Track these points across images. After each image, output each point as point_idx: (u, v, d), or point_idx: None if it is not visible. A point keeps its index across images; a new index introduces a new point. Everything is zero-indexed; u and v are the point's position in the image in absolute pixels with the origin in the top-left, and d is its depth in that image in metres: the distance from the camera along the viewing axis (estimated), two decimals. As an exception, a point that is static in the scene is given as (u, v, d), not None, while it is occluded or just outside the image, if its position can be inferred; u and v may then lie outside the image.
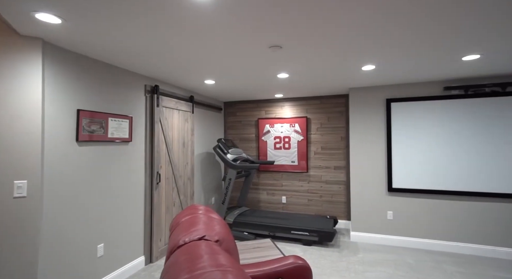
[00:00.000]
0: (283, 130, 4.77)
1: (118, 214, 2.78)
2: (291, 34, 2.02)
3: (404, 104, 3.73)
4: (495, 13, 1.73)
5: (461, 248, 3.46)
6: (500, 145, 3.34)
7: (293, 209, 4.73)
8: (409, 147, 3.70)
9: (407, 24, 1.86)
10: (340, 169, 4.47)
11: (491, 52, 2.47)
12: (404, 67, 2.95)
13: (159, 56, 2.50)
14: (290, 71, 3.04)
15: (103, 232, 2.61)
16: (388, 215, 3.77)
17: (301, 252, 3.50)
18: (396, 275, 2.89)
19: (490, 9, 1.67)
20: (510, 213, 3.30)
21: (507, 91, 3.32)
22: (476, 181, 3.42)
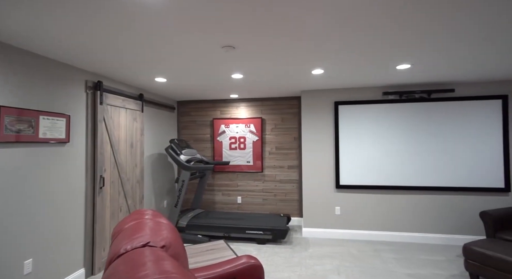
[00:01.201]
0: (238, 131, 4.78)
1: (51, 224, 2.48)
2: (243, 35, 2.03)
3: (350, 107, 4.03)
4: (424, 29, 1.96)
5: (396, 237, 3.86)
6: (430, 144, 3.82)
7: (248, 209, 4.77)
8: (355, 146, 4.01)
9: (351, 32, 2.01)
10: (293, 168, 4.64)
11: (420, 63, 2.80)
12: (349, 73, 3.19)
13: (104, 53, 2.30)
14: (244, 72, 3.06)
15: (32, 245, 2.30)
16: (336, 210, 4.04)
17: (255, 251, 3.54)
18: (342, 266, 3.11)
19: (420, 26, 1.90)
20: (437, 204, 3.79)
21: (432, 98, 3.81)
22: (411, 176, 3.85)
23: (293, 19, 1.77)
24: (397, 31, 1.98)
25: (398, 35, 2.07)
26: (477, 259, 2.63)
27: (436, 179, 3.78)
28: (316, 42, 2.17)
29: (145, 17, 1.72)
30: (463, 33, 2.03)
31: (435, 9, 1.67)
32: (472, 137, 3.71)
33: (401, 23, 1.85)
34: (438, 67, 2.95)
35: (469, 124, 3.72)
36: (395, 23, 1.85)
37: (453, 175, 3.74)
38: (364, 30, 1.96)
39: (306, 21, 1.81)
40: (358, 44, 2.24)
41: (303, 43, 2.21)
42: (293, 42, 2.18)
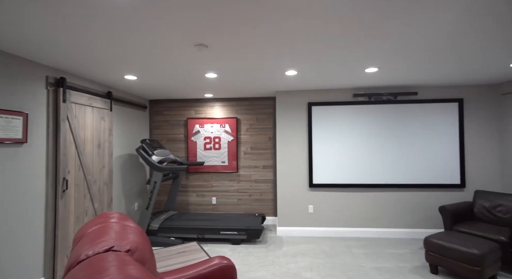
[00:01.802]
0: (213, 131, 4.72)
1: (4, 230, 2.28)
2: (216, 34, 2.01)
3: (323, 108, 4.15)
4: (390, 37, 2.07)
5: (366, 232, 4.04)
6: (396, 144, 4.03)
7: (223, 209, 4.73)
8: (327, 146, 4.13)
9: (323, 37, 2.07)
10: (268, 168, 4.68)
11: (386, 67, 2.95)
12: (321, 75, 3.28)
13: (68, 48, 2.16)
14: (218, 71, 3.03)
15: (-17, 255, 2.10)
16: (309, 208, 4.13)
17: (229, 252, 3.52)
18: (314, 263, 3.19)
19: (387, 33, 1.99)
20: (402, 200, 4.01)
21: (398, 100, 4.03)
22: (379, 174, 4.04)
23: (267, 21, 1.78)
24: (366, 37, 2.07)
25: (367, 41, 2.16)
26: (436, 251, 2.82)
27: (401, 176, 4.00)
28: (289, 44, 2.21)
29: (110, 9, 1.64)
30: (424, 42, 2.17)
31: (399, 20, 1.77)
32: (433, 137, 3.98)
33: (370, 31, 1.94)
34: (402, 71, 3.13)
35: (430, 125, 3.98)
36: (364, 30, 1.93)
37: (416, 172, 3.99)
38: (335, 35, 2.02)
39: (280, 24, 1.83)
40: (330, 48, 2.30)
41: (277, 45, 2.23)
42: (267, 44, 2.20)
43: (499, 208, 3.28)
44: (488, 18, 1.79)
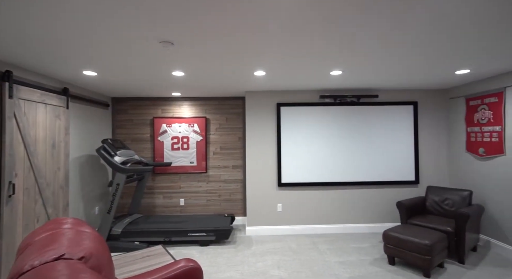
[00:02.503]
0: (181, 130, 4.60)
1: None
2: (183, 31, 1.96)
3: (291, 109, 4.24)
4: (352, 40, 2.17)
5: (331, 229, 4.20)
6: (359, 144, 4.25)
7: (191, 211, 4.63)
8: (295, 146, 4.23)
9: (290, 39, 2.11)
10: (237, 168, 4.68)
11: (349, 70, 3.10)
12: (289, 76, 3.35)
13: (15, 38, 1.96)
14: (185, 69, 2.96)
15: None
16: (278, 207, 4.20)
17: (197, 253, 3.46)
18: (282, 260, 3.25)
19: (349, 37, 2.09)
20: (364, 197, 4.24)
21: (360, 102, 4.26)
22: (343, 173, 4.23)
23: (234, 23, 1.78)
24: (330, 42, 2.15)
25: (331, 45, 2.24)
26: (393, 243, 3.03)
27: (363, 174, 4.24)
28: (257, 46, 2.22)
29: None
30: (380, 49, 2.32)
31: (359, 28, 1.86)
32: (392, 137, 4.26)
33: (333, 36, 2.02)
34: (363, 75, 3.31)
35: (389, 126, 4.26)
36: (328, 36, 2.01)
37: (376, 170, 4.24)
38: (301, 38, 2.07)
39: (247, 27, 1.83)
40: (297, 50, 2.36)
41: (245, 46, 2.23)
42: (235, 44, 2.19)
43: (446, 201, 3.61)
44: (436, 32, 1.96)
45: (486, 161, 3.58)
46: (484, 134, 3.59)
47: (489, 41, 2.21)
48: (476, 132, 3.72)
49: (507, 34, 2.08)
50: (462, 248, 3.06)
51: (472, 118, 3.79)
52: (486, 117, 3.55)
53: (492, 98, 3.46)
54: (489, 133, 3.52)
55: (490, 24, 1.88)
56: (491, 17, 1.77)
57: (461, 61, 2.76)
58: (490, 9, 1.66)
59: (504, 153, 3.31)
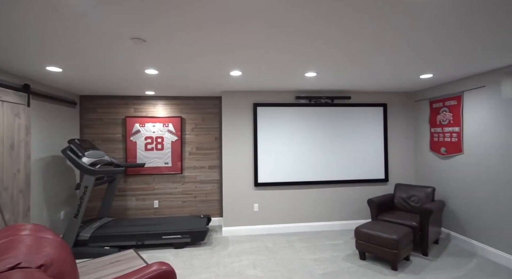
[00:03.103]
0: (155, 130, 4.47)
1: None
2: (155, 28, 1.90)
3: (268, 109, 4.28)
4: (325, 43, 2.23)
5: (306, 227, 4.30)
6: (333, 144, 4.38)
7: (166, 213, 4.51)
8: (271, 146, 4.27)
9: (264, 38, 2.12)
10: (214, 168, 4.63)
11: (323, 72, 3.19)
12: (266, 77, 3.37)
13: (-40, 24, 1.79)
14: (159, 68, 2.88)
15: None
16: (254, 207, 4.22)
17: (172, 256, 3.38)
18: (258, 260, 3.26)
19: (320, 41, 2.15)
20: (338, 195, 4.38)
21: (334, 103, 4.39)
22: (317, 172, 4.34)
23: (209, 22, 1.76)
24: (305, 44, 2.20)
25: (306, 47, 2.29)
26: (364, 239, 3.16)
27: (337, 173, 4.38)
28: (232, 46, 2.21)
29: (21, -10, 1.42)
30: (352, 54, 2.41)
31: (331, 35, 1.92)
32: (364, 137, 4.44)
33: (308, 39, 2.07)
34: (336, 78, 3.42)
35: (361, 126, 4.44)
36: (305, 37, 2.05)
37: (349, 169, 4.40)
38: (277, 39, 2.10)
39: (221, 26, 1.82)
40: (272, 51, 2.38)
41: (219, 47, 2.21)
42: (210, 43, 2.16)
43: (412, 198, 3.83)
44: (402, 39, 2.08)
45: (447, 159, 3.85)
46: (445, 135, 3.85)
47: (448, 49, 2.38)
48: (438, 133, 3.99)
49: (463, 43, 2.25)
50: (425, 241, 3.27)
51: (435, 120, 4.05)
52: (447, 119, 3.82)
53: (452, 101, 3.73)
54: (449, 134, 3.78)
55: (448, 33, 2.02)
56: (450, 27, 1.91)
57: (425, 66, 2.94)
58: (449, 20, 1.79)
59: (462, 152, 3.58)
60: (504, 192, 3.04)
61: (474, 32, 2.03)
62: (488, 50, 2.46)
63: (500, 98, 3.10)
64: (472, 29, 1.97)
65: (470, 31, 2.01)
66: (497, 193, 3.12)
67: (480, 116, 3.34)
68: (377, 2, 1.58)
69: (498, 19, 1.81)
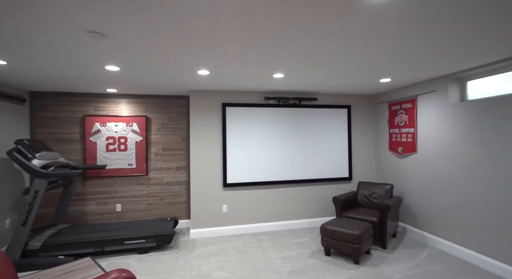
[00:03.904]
0: (118, 130, 4.23)
1: None
2: (116, 22, 1.79)
3: (237, 109, 4.26)
4: (288, 46, 2.27)
5: (275, 226, 4.35)
6: (300, 144, 4.49)
7: (130, 217, 4.30)
8: (240, 146, 4.26)
9: (230, 38, 2.10)
10: (181, 169, 4.50)
11: (290, 74, 3.25)
12: (234, 77, 3.35)
13: None
14: (121, 64, 2.73)
15: None
16: (223, 208, 4.18)
17: (135, 262, 3.22)
18: (226, 261, 3.23)
19: (287, 44, 2.18)
20: (305, 194, 4.49)
21: (302, 104, 4.51)
22: (285, 172, 4.42)
23: (171, 18, 1.69)
24: (270, 45, 2.22)
25: (272, 48, 2.31)
26: (329, 235, 3.28)
27: (304, 173, 4.50)
28: (199, 44, 2.17)
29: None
30: (317, 57, 2.49)
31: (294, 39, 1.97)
32: (329, 138, 4.62)
33: (272, 41, 2.09)
34: (303, 79, 3.51)
35: (327, 127, 4.61)
36: (270, 39, 2.07)
37: (316, 169, 4.55)
38: (244, 40, 2.09)
39: (188, 24, 1.77)
40: (240, 51, 2.37)
41: (183, 44, 2.15)
42: (173, 41, 2.09)
43: (373, 194, 4.06)
44: (362, 45, 2.19)
45: (403, 158, 4.14)
46: (402, 135, 4.14)
47: (402, 56, 2.56)
48: (396, 134, 4.28)
49: (415, 52, 2.43)
50: (384, 235, 3.48)
51: (393, 121, 4.34)
52: (404, 121, 4.11)
53: (408, 104, 4.02)
54: (405, 135, 4.07)
55: (401, 42, 2.18)
56: (402, 36, 2.05)
57: (384, 71, 3.14)
58: (401, 29, 1.92)
59: (417, 151, 3.87)
60: (450, 188, 3.34)
61: (424, 42, 2.20)
62: (437, 58, 2.69)
63: (448, 102, 3.40)
64: (423, 38, 2.13)
65: (421, 41, 2.18)
66: (444, 189, 3.42)
67: (431, 118, 3.64)
68: (335, 12, 1.64)
69: (445, 29, 1.98)
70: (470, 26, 1.93)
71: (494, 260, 2.86)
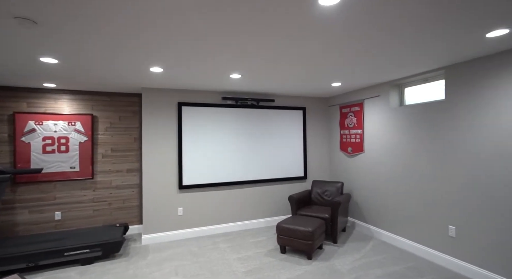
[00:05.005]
0: (57, 129, 3.81)
1: None
2: (48, 8, 1.59)
3: (194, 109, 4.14)
4: (245, 47, 2.27)
5: (232, 227, 4.33)
6: (257, 144, 4.53)
7: (72, 225, 3.90)
8: (197, 146, 4.14)
9: (185, 35, 2.02)
10: (133, 172, 4.23)
11: (247, 75, 3.26)
12: (190, 76, 3.25)
13: None
14: (59, 56, 2.45)
15: None
16: (179, 211, 4.02)
17: (77, 275, 2.92)
18: (181, 266, 3.12)
19: (245, 45, 2.18)
20: (262, 193, 4.55)
21: (260, 105, 4.56)
22: (243, 172, 4.42)
23: (114, 7, 1.57)
24: (224, 45, 2.19)
25: (225, 49, 2.29)
26: (284, 233, 3.37)
27: (261, 173, 4.56)
28: (148, 41, 2.04)
29: None
30: (271, 60, 2.54)
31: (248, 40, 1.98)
32: (286, 138, 4.75)
33: (227, 41, 2.07)
34: (260, 80, 3.56)
35: (284, 128, 4.74)
36: (223, 39, 2.04)
37: (272, 169, 4.64)
38: (198, 38, 2.03)
39: (137, 19, 1.65)
40: (195, 50, 2.30)
41: (133, 36, 2.01)
42: (121, 31, 1.95)
43: (326, 192, 4.28)
44: (310, 51, 2.29)
45: (352, 157, 4.44)
46: (351, 136, 4.45)
47: (349, 63, 2.74)
48: (346, 135, 4.58)
49: (359, 59, 2.62)
50: (335, 230, 3.69)
51: (344, 123, 4.64)
52: (353, 122, 4.42)
53: (356, 107, 4.33)
54: (354, 135, 4.38)
55: (348, 51, 2.33)
56: (350, 46, 2.20)
57: (334, 76, 3.33)
58: (344, 42, 2.06)
59: (364, 151, 4.19)
60: (390, 184, 3.69)
61: (366, 51, 2.39)
62: (377, 66, 2.94)
63: (389, 106, 3.75)
64: (365, 48, 2.31)
65: (363, 50, 2.36)
66: (386, 185, 3.76)
67: (375, 121, 3.97)
68: (286, 19, 1.69)
69: (381, 45, 2.17)
70: (401, 44, 2.14)
71: (424, 246, 3.22)
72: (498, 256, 2.54)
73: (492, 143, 2.58)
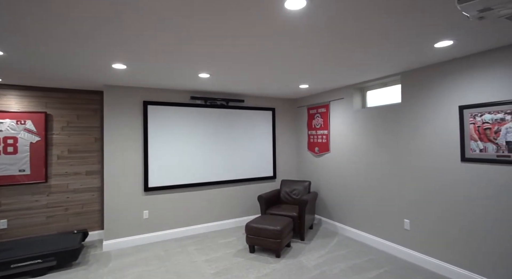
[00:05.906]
0: (4, 129, 3.44)
1: None
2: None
3: (160, 108, 4.00)
4: (208, 45, 2.24)
5: (200, 229, 4.25)
6: (227, 144, 4.50)
7: (22, 233, 3.54)
8: (164, 147, 4.00)
9: (150, 31, 1.94)
10: (93, 174, 3.96)
11: (215, 74, 3.22)
12: (156, 74, 3.12)
13: None
14: (5, 48, 2.22)
15: None
16: (144, 214, 3.85)
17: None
18: (145, 271, 2.99)
19: (213, 47, 2.14)
20: (231, 194, 4.53)
21: (229, 105, 4.54)
22: (211, 173, 4.36)
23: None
24: (193, 43, 2.14)
25: (192, 47, 2.24)
26: (253, 233, 3.39)
27: (230, 173, 4.54)
28: (109, 34, 1.93)
29: None
30: (234, 59, 2.54)
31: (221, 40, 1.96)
32: (255, 139, 4.78)
33: (199, 38, 2.02)
34: (229, 80, 3.54)
35: (253, 128, 4.77)
36: (195, 37, 1.99)
37: (242, 169, 4.64)
38: (164, 34, 1.96)
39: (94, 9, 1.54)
40: (161, 46, 2.22)
41: (98, 30, 1.89)
42: (82, 23, 1.81)
43: (294, 191, 4.39)
44: (279, 55, 2.34)
45: (319, 157, 4.61)
46: (318, 137, 4.61)
47: (315, 66, 2.85)
48: (313, 135, 4.73)
49: (326, 63, 2.73)
50: (302, 228, 3.80)
51: (311, 124, 4.79)
52: (319, 123, 4.58)
53: (323, 109, 4.50)
54: (321, 136, 4.55)
55: (314, 54, 2.42)
56: (315, 50, 2.28)
57: (301, 78, 3.43)
58: (310, 46, 2.13)
59: (330, 151, 4.36)
60: (353, 182, 3.89)
61: (329, 56, 2.50)
62: (340, 71, 3.09)
63: (353, 108, 3.95)
64: (329, 52, 2.41)
65: (327, 55, 2.46)
66: (349, 183, 3.96)
67: (340, 122, 4.16)
68: (253, 22, 1.70)
69: (342, 50, 2.28)
70: (362, 51, 2.27)
71: (384, 240, 3.45)
72: (445, 245, 2.80)
73: (440, 143, 2.84)
